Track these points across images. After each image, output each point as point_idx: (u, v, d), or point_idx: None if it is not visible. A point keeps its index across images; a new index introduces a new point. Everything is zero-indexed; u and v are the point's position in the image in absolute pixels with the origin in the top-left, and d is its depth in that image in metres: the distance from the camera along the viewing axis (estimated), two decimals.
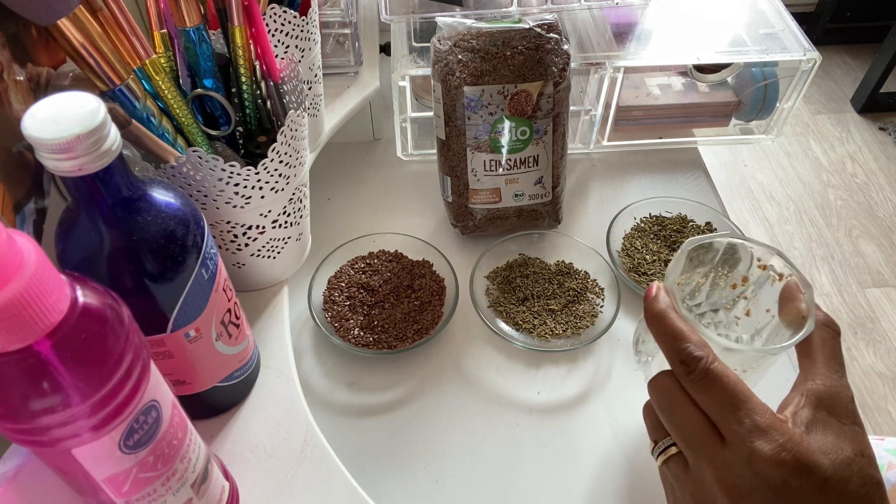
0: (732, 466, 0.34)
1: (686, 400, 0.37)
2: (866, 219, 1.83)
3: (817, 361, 0.39)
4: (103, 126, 0.30)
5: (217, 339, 0.43)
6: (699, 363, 0.36)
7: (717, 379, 0.36)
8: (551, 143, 0.65)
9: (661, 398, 0.39)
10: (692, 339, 0.37)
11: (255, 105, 0.53)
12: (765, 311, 0.47)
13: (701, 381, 0.36)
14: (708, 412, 0.36)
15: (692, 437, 0.36)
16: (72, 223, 0.35)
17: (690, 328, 0.39)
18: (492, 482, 0.53)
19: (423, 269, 0.66)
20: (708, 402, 0.36)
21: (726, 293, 0.50)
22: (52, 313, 0.25)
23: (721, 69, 0.79)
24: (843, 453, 0.34)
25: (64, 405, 0.27)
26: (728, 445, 0.35)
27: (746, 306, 0.49)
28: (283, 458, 0.47)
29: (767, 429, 0.34)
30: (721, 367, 0.36)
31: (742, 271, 0.48)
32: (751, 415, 0.35)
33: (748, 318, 0.49)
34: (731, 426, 0.35)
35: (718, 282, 0.50)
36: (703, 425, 0.36)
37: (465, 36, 0.61)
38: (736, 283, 0.48)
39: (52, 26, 0.39)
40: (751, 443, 0.34)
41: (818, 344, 0.40)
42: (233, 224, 0.51)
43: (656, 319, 0.40)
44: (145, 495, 0.34)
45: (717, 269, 0.49)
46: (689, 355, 0.37)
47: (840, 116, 2.13)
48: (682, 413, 0.37)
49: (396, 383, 0.60)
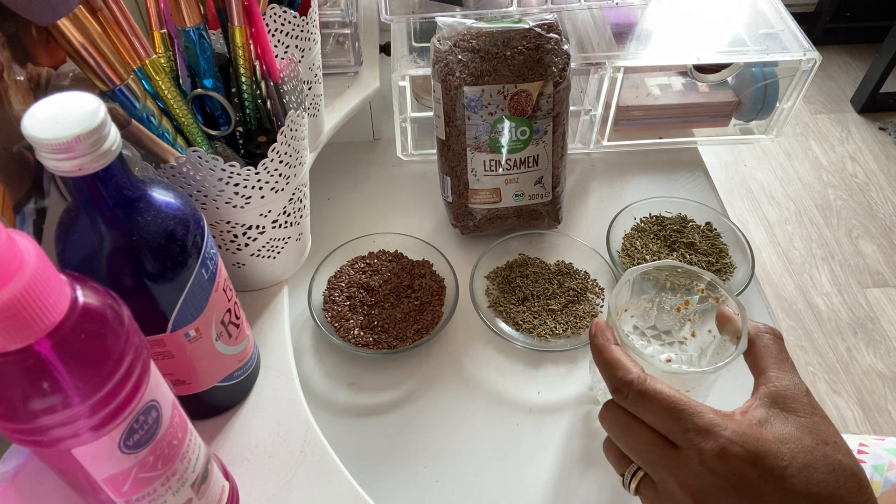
0: (689, 469, 0.35)
1: (633, 421, 0.39)
2: (866, 219, 1.83)
3: (765, 367, 0.40)
4: (103, 126, 0.30)
5: (217, 339, 0.43)
6: (631, 386, 0.38)
7: (653, 395, 0.37)
8: (551, 143, 0.65)
9: (611, 426, 0.40)
10: (624, 365, 0.39)
11: (255, 105, 0.53)
12: (707, 332, 0.51)
13: (637, 402, 0.38)
14: (655, 427, 0.37)
15: (648, 453, 0.38)
16: (72, 223, 0.35)
17: (626, 356, 0.41)
18: (492, 482, 0.53)
19: (423, 269, 0.66)
20: (651, 418, 0.37)
21: (672, 316, 0.53)
22: (52, 313, 0.25)
23: (721, 69, 0.79)
24: (802, 442, 0.35)
25: (64, 405, 0.27)
26: (680, 452, 0.36)
27: (692, 328, 0.52)
28: (283, 458, 0.47)
29: (710, 427, 0.35)
30: (653, 384, 0.38)
31: (683, 295, 0.51)
32: (692, 419, 0.36)
33: (694, 338, 0.52)
34: (676, 433, 0.36)
35: (664, 306, 0.53)
36: (653, 439, 0.37)
37: (465, 36, 0.61)
38: (679, 307, 0.52)
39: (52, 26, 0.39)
40: (697, 443, 0.35)
41: (763, 352, 0.41)
42: (233, 224, 0.51)
43: (596, 354, 0.42)
44: (145, 495, 0.34)
45: (661, 294, 0.52)
46: (620, 381, 0.39)
47: (840, 116, 2.13)
48: (633, 434, 0.38)
49: (396, 383, 0.60)
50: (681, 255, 0.67)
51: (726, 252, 0.68)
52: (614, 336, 0.43)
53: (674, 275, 0.50)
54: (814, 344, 1.55)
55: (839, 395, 1.46)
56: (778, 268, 1.71)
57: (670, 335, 0.53)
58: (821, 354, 1.53)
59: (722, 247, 0.68)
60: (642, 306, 0.53)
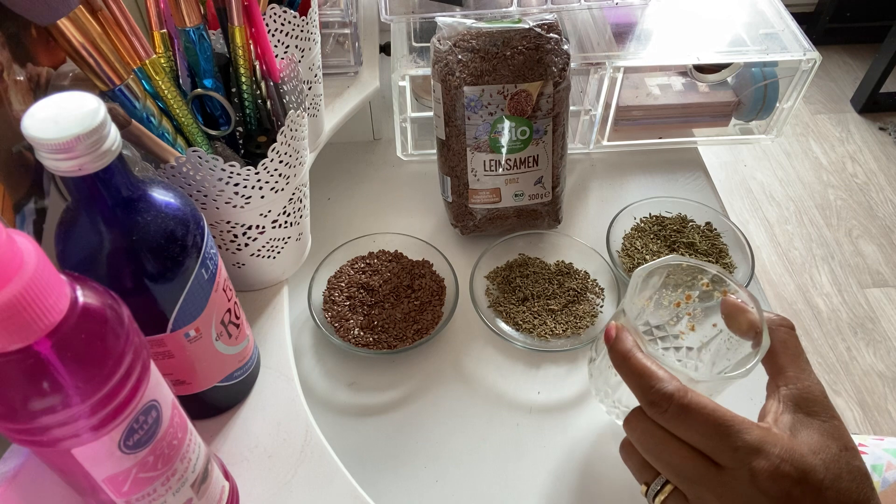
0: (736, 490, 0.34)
1: (669, 437, 0.36)
2: (866, 219, 1.83)
3: (784, 366, 0.39)
4: (103, 126, 0.30)
5: (217, 339, 0.43)
6: (672, 400, 0.35)
7: (696, 411, 0.35)
8: (551, 143, 0.65)
9: (643, 439, 0.38)
10: (660, 376, 0.37)
11: (255, 105, 0.53)
12: (711, 326, 0.49)
13: (678, 418, 0.35)
14: (696, 445, 0.35)
15: (687, 471, 0.35)
16: (72, 223, 0.35)
17: (657, 364, 0.38)
18: (492, 482, 0.53)
19: (423, 269, 0.66)
20: (693, 435, 0.35)
21: (669, 311, 0.51)
22: (52, 313, 0.25)
23: (721, 69, 0.79)
24: (830, 451, 0.35)
25: (64, 405, 0.27)
26: (726, 470, 0.34)
27: (691, 321, 0.50)
28: (283, 458, 0.47)
29: (761, 445, 0.34)
30: (695, 398, 0.35)
31: (685, 290, 0.49)
32: (741, 436, 0.34)
33: (693, 332, 0.50)
34: (723, 452, 0.34)
35: (662, 301, 0.51)
36: (695, 458, 0.35)
37: (465, 36, 0.61)
38: (679, 302, 0.50)
39: (52, 26, 0.39)
40: (749, 463, 0.34)
41: (780, 347, 0.39)
42: (233, 224, 0.51)
43: (622, 361, 0.39)
44: (145, 495, 0.34)
45: (661, 290, 0.50)
46: (658, 394, 0.36)
47: (840, 116, 2.13)
48: (669, 450, 0.36)
49: (396, 383, 0.60)
50: (681, 255, 0.67)
51: (726, 252, 0.68)
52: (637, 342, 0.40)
53: (678, 271, 0.48)
54: (814, 344, 1.55)
55: (839, 395, 1.46)
56: (778, 268, 1.71)
57: (662, 330, 0.52)
58: (821, 354, 1.53)
59: (722, 247, 0.68)
60: (641, 304, 0.51)
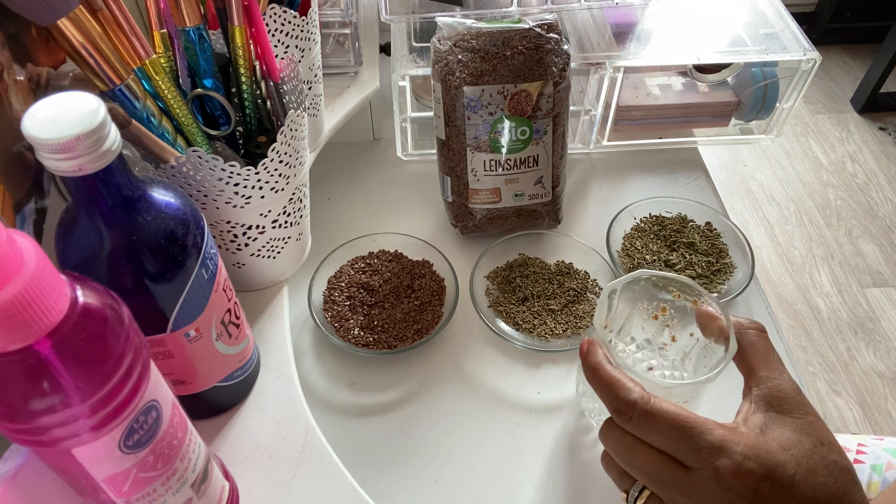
0: (704, 490, 0.35)
1: (638, 443, 0.37)
2: (866, 219, 1.83)
3: (755, 367, 0.40)
4: (103, 126, 0.30)
5: (217, 339, 0.43)
6: (635, 407, 0.37)
7: (658, 416, 0.36)
8: (551, 143, 0.65)
9: (615, 447, 0.39)
10: (625, 385, 0.38)
11: (255, 105, 0.53)
12: (689, 335, 0.50)
13: (643, 423, 0.37)
14: (662, 448, 0.36)
15: (657, 475, 0.37)
16: (72, 223, 0.35)
17: (624, 374, 0.39)
18: (492, 482, 0.53)
19: (423, 269, 0.66)
20: (659, 439, 0.36)
21: (650, 324, 0.52)
22: (52, 313, 0.25)
23: (721, 69, 0.79)
24: (802, 446, 0.35)
25: (64, 405, 0.27)
26: (693, 472, 0.35)
27: (671, 333, 0.52)
28: (283, 458, 0.47)
29: (722, 444, 0.35)
30: (658, 403, 0.37)
31: (659, 303, 0.50)
32: (703, 437, 0.35)
33: (675, 343, 0.52)
34: (687, 454, 0.35)
35: (641, 315, 0.52)
36: (663, 461, 0.36)
37: (465, 36, 0.61)
38: (657, 314, 0.51)
39: (52, 26, 0.39)
40: (712, 463, 0.34)
41: (749, 349, 0.40)
42: (233, 224, 0.51)
43: (591, 373, 0.41)
44: (145, 495, 0.34)
45: (638, 304, 0.51)
46: (622, 402, 0.37)
47: (840, 116, 2.13)
48: (639, 456, 0.37)
49: (396, 383, 0.60)
50: (681, 255, 0.67)
51: (726, 252, 0.68)
52: (607, 354, 0.42)
53: (649, 283, 0.49)
54: (814, 344, 1.55)
55: (839, 395, 1.45)
56: (778, 268, 1.71)
57: (650, 343, 0.53)
58: (821, 354, 1.53)
59: (722, 247, 0.68)
60: (621, 319, 0.52)
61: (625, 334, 0.53)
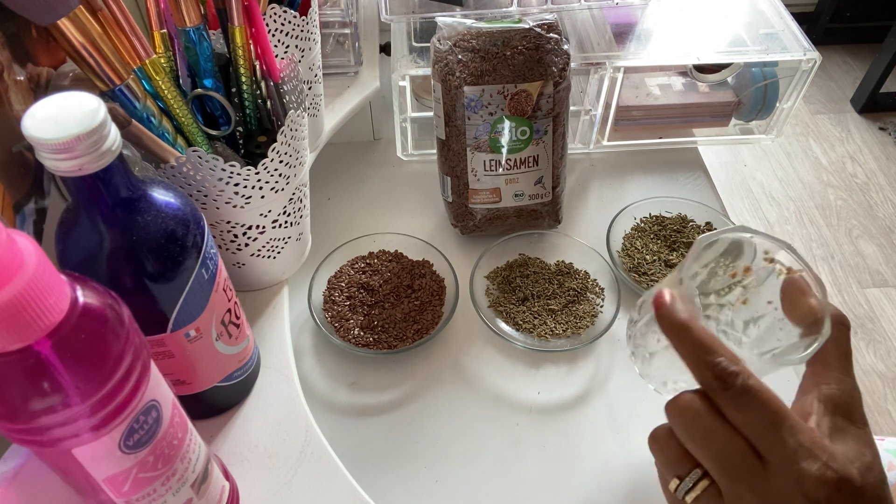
0: (779, 490, 0.32)
1: (722, 422, 0.34)
2: (866, 219, 1.83)
3: (830, 364, 0.37)
4: (103, 126, 0.30)
5: (217, 339, 0.43)
6: (737, 378, 0.33)
7: (758, 395, 0.33)
8: (551, 143, 0.65)
9: (690, 423, 0.35)
10: (725, 353, 0.34)
11: (255, 105, 0.53)
12: (766, 303, 0.45)
13: (740, 398, 0.33)
14: (746, 432, 0.33)
15: (733, 463, 0.33)
16: (72, 223, 0.35)
17: (719, 341, 0.35)
18: (492, 482, 0.53)
19: (423, 269, 0.66)
20: (748, 420, 0.33)
21: (723, 280, 0.47)
22: (52, 313, 0.25)
23: (721, 69, 0.79)
24: (865, 459, 0.33)
25: (64, 405, 0.27)
26: (771, 468, 0.33)
27: (744, 295, 0.47)
28: (283, 458, 0.47)
29: (811, 448, 0.32)
30: (759, 383, 0.33)
31: (745, 262, 0.46)
32: (794, 433, 0.32)
33: (745, 306, 0.47)
34: (774, 446, 0.33)
35: (717, 271, 0.47)
36: (743, 449, 0.33)
37: (465, 36, 0.61)
38: (736, 272, 0.46)
39: (52, 26, 0.39)
40: (798, 464, 0.32)
41: (831, 344, 0.37)
42: (233, 224, 0.51)
43: (680, 331, 0.36)
44: (145, 495, 0.34)
45: (720, 259, 0.46)
46: (724, 370, 0.33)
47: (840, 116, 2.13)
48: (719, 437, 0.34)
49: (396, 383, 0.60)
50: (681, 255, 0.67)
51: None
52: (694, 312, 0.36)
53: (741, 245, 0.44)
54: None
55: None
56: None
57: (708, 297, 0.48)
58: None
59: None
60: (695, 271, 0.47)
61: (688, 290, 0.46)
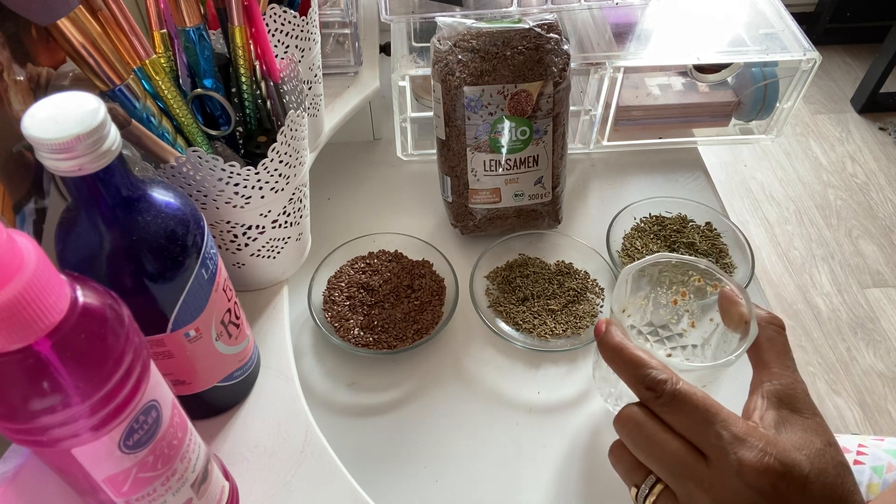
0: (724, 482, 0.34)
1: (660, 428, 0.36)
2: (866, 219, 1.83)
3: (769, 362, 0.39)
4: (103, 126, 0.30)
5: (217, 339, 0.43)
6: (665, 385, 0.36)
7: (687, 397, 0.36)
8: (551, 143, 0.65)
9: (633, 433, 0.38)
10: (653, 364, 0.37)
11: (255, 105, 0.53)
12: (709, 321, 0.49)
13: (672, 403, 0.36)
14: (684, 433, 0.36)
15: (676, 464, 0.35)
16: (72, 223, 0.35)
17: (648, 354, 0.39)
18: (492, 482, 0.53)
19: (423, 269, 0.66)
20: (682, 422, 0.36)
21: (669, 310, 0.52)
22: (52, 313, 0.25)
23: (721, 69, 0.79)
24: (814, 446, 0.35)
25: (64, 405, 0.27)
26: (713, 463, 0.35)
27: (691, 318, 0.51)
28: (283, 458, 0.47)
29: (745, 436, 0.34)
30: (687, 386, 0.36)
31: (679, 287, 0.50)
32: (727, 426, 0.35)
33: (694, 329, 0.51)
34: (710, 441, 0.35)
35: (659, 300, 0.52)
36: (684, 450, 0.35)
37: (465, 36, 0.61)
38: (676, 299, 0.51)
39: (52, 26, 0.39)
40: (734, 454, 0.34)
41: (766, 344, 0.40)
42: (233, 224, 0.51)
43: (614, 353, 0.39)
44: (145, 495, 0.34)
45: (656, 289, 0.51)
46: (653, 380, 0.37)
47: (840, 116, 2.13)
48: (660, 442, 0.36)
49: (396, 383, 0.60)
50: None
51: (726, 252, 0.68)
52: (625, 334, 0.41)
53: (668, 268, 0.48)
54: (814, 344, 1.55)
55: (839, 395, 1.45)
56: (778, 268, 1.71)
57: (667, 329, 0.52)
58: (821, 354, 1.53)
59: (722, 247, 0.68)
60: (638, 304, 0.52)
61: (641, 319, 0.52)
